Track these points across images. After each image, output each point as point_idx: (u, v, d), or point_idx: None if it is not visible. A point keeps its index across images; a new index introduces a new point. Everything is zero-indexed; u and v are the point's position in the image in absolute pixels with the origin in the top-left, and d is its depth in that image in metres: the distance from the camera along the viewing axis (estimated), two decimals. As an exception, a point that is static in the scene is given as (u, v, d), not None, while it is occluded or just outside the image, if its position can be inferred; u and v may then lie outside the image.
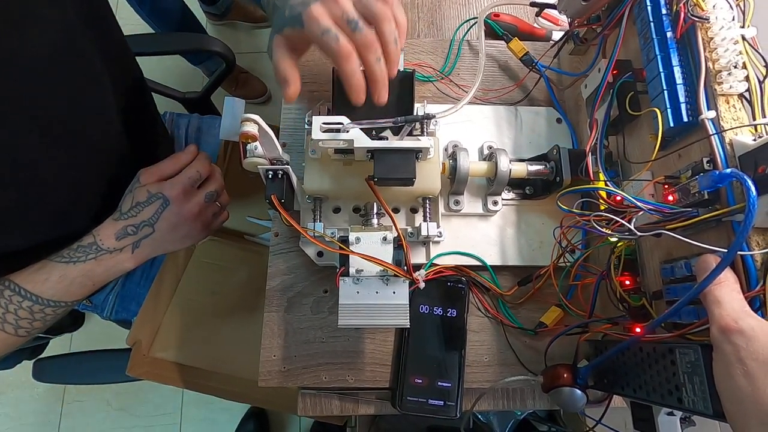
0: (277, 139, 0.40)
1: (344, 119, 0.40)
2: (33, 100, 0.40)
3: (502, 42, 0.56)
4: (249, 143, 0.39)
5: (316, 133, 0.39)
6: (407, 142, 0.40)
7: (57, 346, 1.21)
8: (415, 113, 0.45)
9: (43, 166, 0.43)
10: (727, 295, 0.28)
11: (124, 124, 0.52)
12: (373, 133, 0.41)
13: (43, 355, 0.74)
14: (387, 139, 0.41)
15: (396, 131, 0.41)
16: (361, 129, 0.40)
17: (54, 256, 0.46)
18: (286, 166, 0.41)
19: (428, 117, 0.40)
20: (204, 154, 0.53)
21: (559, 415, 0.64)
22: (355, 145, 0.40)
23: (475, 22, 0.59)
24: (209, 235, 0.53)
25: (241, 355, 0.68)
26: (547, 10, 0.54)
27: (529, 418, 0.66)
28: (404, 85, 0.45)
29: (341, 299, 0.40)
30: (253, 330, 0.68)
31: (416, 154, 0.41)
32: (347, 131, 0.39)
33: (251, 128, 0.38)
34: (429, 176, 0.44)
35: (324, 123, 0.39)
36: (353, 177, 0.44)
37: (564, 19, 0.62)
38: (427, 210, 0.47)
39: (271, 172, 0.40)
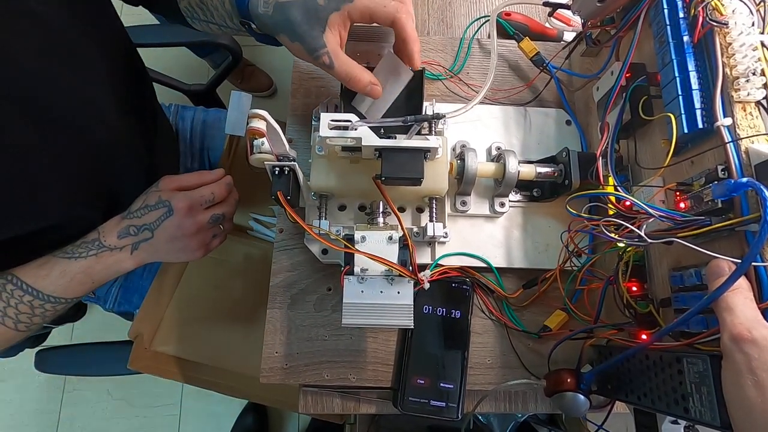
0: (284, 134, 0.40)
1: (353, 117, 0.39)
2: (23, 89, 0.40)
3: (513, 41, 0.56)
4: (256, 139, 0.39)
5: (324, 130, 0.39)
6: (416, 142, 0.40)
7: (58, 336, 1.21)
8: (423, 112, 0.45)
9: (34, 156, 0.43)
10: (741, 302, 0.27)
11: (120, 113, 0.52)
12: (382, 131, 0.41)
13: (44, 345, 0.74)
14: (395, 137, 0.40)
15: (404, 130, 0.40)
16: (369, 127, 0.39)
17: (58, 251, 0.46)
18: (293, 162, 0.40)
19: (438, 117, 0.40)
20: (227, 179, 0.52)
21: (561, 419, 0.64)
22: (363, 144, 0.39)
23: (486, 21, 0.58)
24: (206, 254, 0.53)
25: (243, 351, 0.68)
26: (559, 10, 0.53)
27: (529, 420, 0.66)
28: (413, 84, 0.45)
29: (345, 298, 0.40)
30: (255, 326, 0.68)
31: (425, 153, 0.41)
32: (355, 129, 0.39)
33: (259, 124, 0.37)
34: (436, 176, 0.44)
35: (332, 120, 0.39)
36: (360, 175, 0.44)
37: (576, 20, 0.61)
38: (434, 210, 0.47)
39: (277, 169, 0.40)
